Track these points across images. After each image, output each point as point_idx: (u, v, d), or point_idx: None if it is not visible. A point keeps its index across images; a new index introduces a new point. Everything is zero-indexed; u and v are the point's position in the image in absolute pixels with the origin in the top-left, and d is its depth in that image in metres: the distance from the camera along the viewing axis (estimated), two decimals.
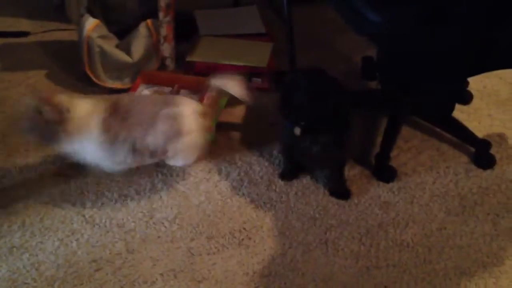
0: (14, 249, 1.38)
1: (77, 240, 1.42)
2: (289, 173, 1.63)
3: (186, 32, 2.13)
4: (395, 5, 1.45)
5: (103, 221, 1.47)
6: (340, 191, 1.59)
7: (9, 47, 2.13)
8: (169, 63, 1.98)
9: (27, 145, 1.68)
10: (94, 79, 1.91)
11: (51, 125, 1.37)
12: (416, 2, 1.41)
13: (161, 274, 1.35)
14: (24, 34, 2.22)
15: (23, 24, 2.26)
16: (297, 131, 1.48)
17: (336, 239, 1.47)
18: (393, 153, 1.69)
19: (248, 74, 1.98)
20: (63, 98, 1.41)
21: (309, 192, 1.59)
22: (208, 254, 1.41)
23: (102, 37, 1.88)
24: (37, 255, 1.37)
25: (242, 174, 1.64)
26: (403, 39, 1.46)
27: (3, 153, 1.66)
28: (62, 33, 2.19)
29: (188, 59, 2.00)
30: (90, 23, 1.87)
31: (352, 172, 1.65)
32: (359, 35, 1.62)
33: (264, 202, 1.55)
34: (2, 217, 1.46)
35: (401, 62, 1.54)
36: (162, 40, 1.93)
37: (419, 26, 1.41)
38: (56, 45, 2.14)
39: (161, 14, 1.90)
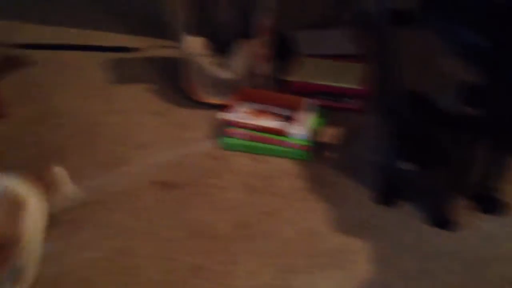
0: (119, 250, 1.44)
1: (175, 245, 1.45)
2: (387, 199, 1.59)
3: (284, 51, 2.15)
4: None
5: (200, 229, 1.50)
6: (443, 221, 1.53)
7: (117, 62, 2.25)
8: (267, 81, 2.01)
9: (133, 153, 1.76)
10: (192, 94, 1.97)
11: None
12: None
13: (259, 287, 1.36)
14: (132, 49, 2.33)
15: (131, 41, 2.37)
16: (406, 165, 1.45)
17: (436, 270, 1.41)
18: (500, 185, 1.61)
19: (340, 94, 1.97)
20: None
21: (407, 219, 1.55)
22: (305, 272, 1.40)
23: (202, 54, 1.95)
24: (139, 257, 1.42)
25: (337, 196, 1.62)
26: None
27: (112, 160, 1.74)
28: (167, 50, 2.28)
29: (285, 78, 2.03)
30: (191, 41, 1.94)
31: (456, 202, 1.58)
32: (462, 59, 1.58)
33: (359, 226, 1.53)
34: (108, 220, 1.52)
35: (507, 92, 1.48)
36: (261, 59, 1.97)
37: None
38: (161, 62, 2.24)
39: (260, 34, 1.94)
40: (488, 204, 1.57)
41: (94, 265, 1.41)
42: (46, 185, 1.41)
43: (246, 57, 1.96)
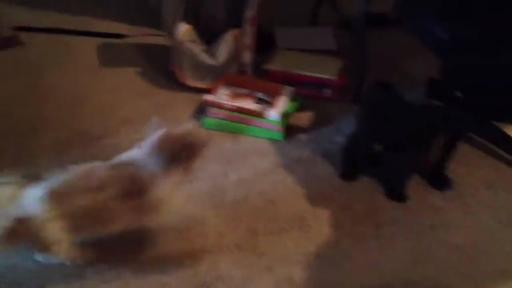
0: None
1: None
2: (349, 174, 1.76)
3: (265, 44, 2.32)
4: (461, 22, 1.57)
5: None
6: (398, 194, 1.70)
7: (107, 46, 2.41)
8: (248, 68, 2.17)
9: (119, 128, 1.91)
10: (180, 78, 2.13)
11: None
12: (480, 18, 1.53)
13: (227, 246, 1.52)
14: (121, 36, 2.49)
15: (121, 28, 2.53)
16: (377, 146, 1.63)
17: (388, 234, 1.58)
18: (450, 166, 1.79)
19: (319, 84, 2.14)
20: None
21: (366, 191, 1.72)
22: (270, 234, 1.56)
23: (192, 41, 2.11)
24: None
25: (306, 171, 1.79)
26: (469, 54, 1.58)
27: (98, 133, 1.89)
28: (155, 38, 2.44)
29: (265, 67, 2.19)
30: (183, 28, 2.10)
31: (412, 179, 1.76)
32: (430, 50, 1.76)
33: (324, 197, 1.69)
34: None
35: (467, 75, 1.65)
36: (244, 48, 2.13)
37: (483, 41, 1.53)
38: (149, 48, 2.39)
39: (246, 25, 2.10)
40: (438, 181, 1.74)
41: None
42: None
43: (231, 46, 2.12)
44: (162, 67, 2.22)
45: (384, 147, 1.64)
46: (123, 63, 2.28)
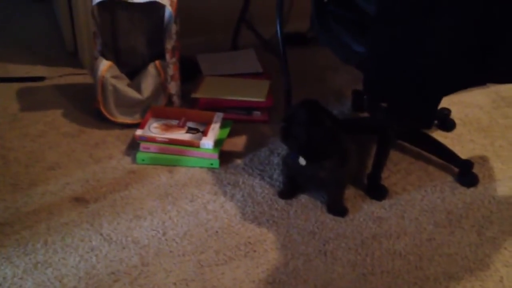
0: (39, 264, 1.51)
1: (96, 255, 1.54)
2: (288, 193, 1.78)
3: (189, 73, 2.31)
4: (375, 34, 1.62)
5: (120, 238, 1.60)
6: (338, 209, 1.73)
7: (27, 90, 2.31)
8: (176, 99, 2.15)
9: (48, 174, 1.83)
10: (107, 115, 2.07)
11: None
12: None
13: (174, 284, 1.48)
14: (40, 79, 2.40)
15: (39, 70, 2.44)
16: (302, 161, 1.65)
17: (334, 250, 1.60)
18: (384, 175, 1.84)
19: (249, 108, 2.15)
20: None
21: (307, 209, 1.73)
22: (217, 265, 1.54)
23: (115, 77, 2.06)
24: (60, 269, 1.50)
25: (246, 195, 1.78)
26: (384, 64, 1.63)
27: (27, 182, 1.80)
28: (76, 77, 2.37)
29: (193, 95, 2.18)
30: (104, 65, 2.05)
31: (347, 192, 1.79)
32: (349, 65, 1.81)
33: (267, 219, 1.69)
34: (27, 237, 1.59)
35: (385, 86, 1.71)
36: (169, 79, 2.11)
37: (394, 48, 1.59)
38: (70, 88, 2.32)
39: (167, 56, 2.09)
40: (375, 191, 1.79)
41: None
42: None
43: (155, 78, 2.09)
44: (88, 106, 2.16)
45: (305, 159, 1.65)
46: (47, 107, 2.20)
